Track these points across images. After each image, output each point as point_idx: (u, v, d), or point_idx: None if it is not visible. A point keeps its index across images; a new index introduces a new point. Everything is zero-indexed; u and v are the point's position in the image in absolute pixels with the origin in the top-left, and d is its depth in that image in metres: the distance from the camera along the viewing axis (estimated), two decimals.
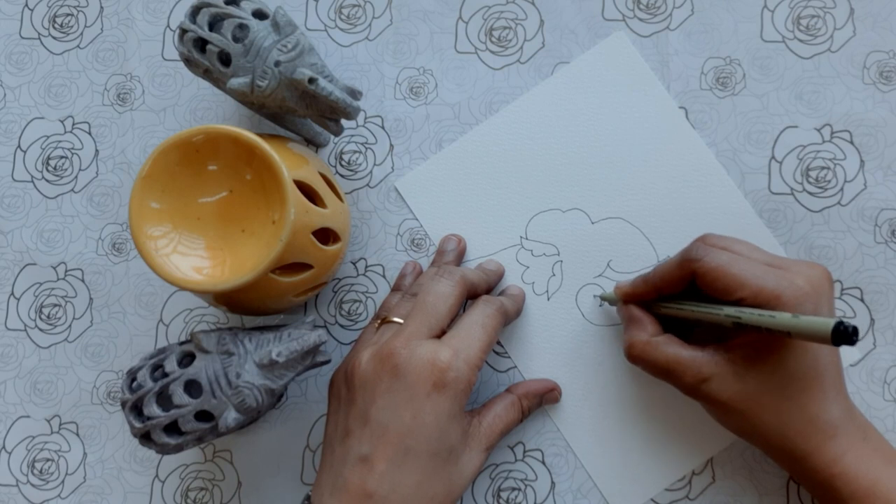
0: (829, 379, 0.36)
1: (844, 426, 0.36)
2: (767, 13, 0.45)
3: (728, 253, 0.37)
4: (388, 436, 0.36)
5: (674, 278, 0.38)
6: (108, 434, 0.47)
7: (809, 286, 0.35)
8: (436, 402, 0.36)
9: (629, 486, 0.43)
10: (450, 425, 0.37)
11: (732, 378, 0.36)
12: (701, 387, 0.37)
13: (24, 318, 0.49)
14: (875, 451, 0.36)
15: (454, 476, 0.37)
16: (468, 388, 0.37)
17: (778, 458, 0.38)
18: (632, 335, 0.40)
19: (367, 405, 0.37)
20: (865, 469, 0.35)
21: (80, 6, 0.50)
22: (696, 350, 0.37)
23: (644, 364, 0.39)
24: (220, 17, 0.40)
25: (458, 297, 0.40)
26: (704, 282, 0.37)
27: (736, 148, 0.45)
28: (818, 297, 0.35)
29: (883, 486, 0.35)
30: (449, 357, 0.36)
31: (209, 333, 0.38)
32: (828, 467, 0.35)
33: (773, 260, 0.37)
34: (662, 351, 0.38)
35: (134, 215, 0.37)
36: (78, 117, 0.50)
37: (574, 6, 0.47)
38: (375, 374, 0.37)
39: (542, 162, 0.46)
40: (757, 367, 0.36)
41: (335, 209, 0.40)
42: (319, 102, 0.41)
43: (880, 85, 0.44)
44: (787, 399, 0.36)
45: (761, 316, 0.33)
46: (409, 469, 0.36)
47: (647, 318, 0.40)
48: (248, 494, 0.46)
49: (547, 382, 0.44)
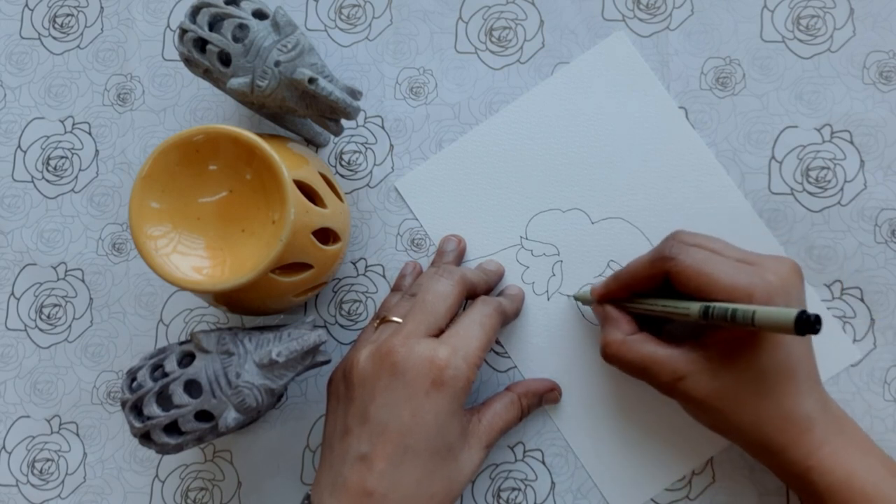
0: (802, 373, 0.36)
1: (820, 419, 0.36)
2: (767, 13, 0.45)
3: (702, 251, 0.37)
4: (387, 434, 0.36)
5: (645, 277, 0.39)
6: (108, 434, 0.47)
7: (779, 281, 0.35)
8: (435, 399, 0.36)
9: (629, 486, 0.43)
10: (449, 423, 0.37)
11: (708, 375, 0.36)
12: (677, 385, 0.37)
13: (25, 318, 0.49)
14: (851, 442, 0.36)
15: (454, 474, 0.37)
16: (467, 386, 0.37)
17: (755, 453, 0.38)
18: (607, 334, 0.40)
19: (366, 403, 0.37)
20: (842, 461, 0.35)
21: (80, 6, 0.51)
22: (671, 348, 0.38)
23: (619, 363, 0.39)
24: (220, 17, 0.40)
25: (458, 296, 0.40)
26: (678, 280, 0.37)
27: (736, 148, 0.45)
28: (788, 292, 0.35)
29: (859, 477, 0.35)
30: (447, 355, 0.37)
31: (209, 333, 0.38)
32: (804, 460, 0.36)
33: (745, 255, 0.37)
34: (637, 350, 0.38)
35: (134, 215, 0.37)
36: (78, 117, 0.50)
37: (574, 6, 0.47)
38: (374, 373, 0.37)
39: (542, 162, 0.46)
40: (731, 363, 0.36)
41: (335, 209, 0.40)
42: (319, 102, 0.41)
43: (880, 85, 0.44)
44: (762, 395, 0.36)
45: (728, 309, 0.34)
46: (409, 467, 0.36)
47: (622, 318, 0.40)
48: (248, 494, 0.46)
49: (547, 382, 0.44)
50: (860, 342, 0.43)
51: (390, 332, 0.39)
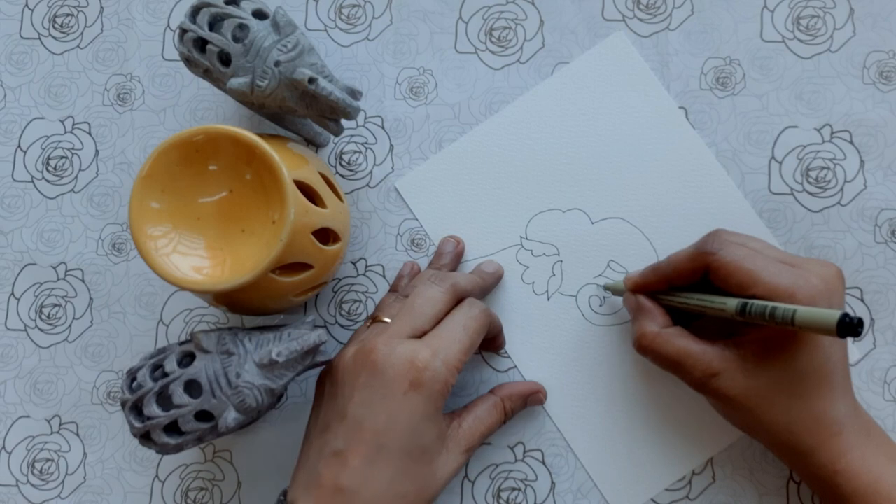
0: (837, 377, 0.36)
1: (849, 424, 0.36)
2: (767, 13, 0.45)
3: (744, 248, 0.37)
4: (362, 432, 0.36)
5: (686, 270, 0.38)
6: (108, 434, 0.47)
7: (823, 284, 0.35)
8: (411, 401, 0.36)
9: (629, 486, 0.43)
10: (424, 425, 0.37)
11: (742, 374, 0.36)
12: (710, 381, 0.37)
13: (25, 318, 0.49)
14: (878, 448, 0.36)
15: (427, 477, 0.37)
16: (445, 389, 0.37)
17: (781, 454, 0.38)
18: (642, 326, 0.39)
19: (345, 401, 0.37)
20: (868, 466, 0.35)
21: (80, 6, 0.51)
22: (706, 344, 0.37)
23: (653, 356, 0.39)
24: (220, 17, 0.40)
25: (447, 302, 0.40)
26: (718, 276, 0.36)
27: (736, 148, 0.45)
28: (831, 295, 0.35)
29: (885, 483, 0.35)
30: (427, 357, 0.37)
31: (209, 333, 0.38)
32: (831, 464, 0.36)
33: (787, 257, 0.37)
34: (673, 343, 0.38)
35: (134, 215, 0.37)
36: (78, 117, 0.50)
37: (574, 6, 0.47)
38: (355, 370, 0.37)
39: (542, 162, 0.46)
40: (767, 363, 0.36)
41: (335, 209, 0.40)
42: (319, 102, 0.41)
43: (880, 85, 0.44)
44: (796, 396, 0.36)
45: (767, 307, 0.33)
46: (382, 466, 0.36)
47: (657, 310, 0.40)
48: (248, 494, 0.46)
49: (531, 384, 0.44)
50: (860, 342, 0.43)
51: (376, 332, 0.39)
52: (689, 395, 0.42)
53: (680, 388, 0.43)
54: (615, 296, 0.44)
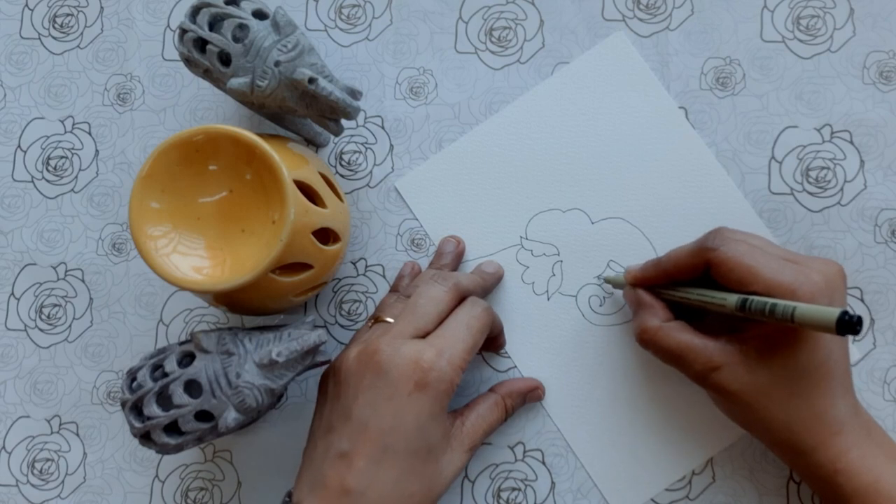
0: (838, 375, 0.36)
1: (850, 423, 0.36)
2: (767, 13, 0.45)
3: (745, 244, 0.37)
4: (368, 433, 0.36)
5: (687, 266, 0.38)
6: (108, 434, 0.47)
7: (825, 282, 0.35)
8: (417, 401, 0.36)
9: (629, 486, 0.43)
10: (430, 425, 0.37)
11: (743, 369, 0.36)
12: (711, 375, 0.37)
13: (25, 318, 0.49)
14: (879, 447, 0.36)
15: (434, 476, 0.37)
16: (450, 389, 0.37)
17: (781, 452, 0.38)
18: (643, 320, 0.40)
19: (349, 401, 0.37)
20: (869, 466, 0.35)
21: (80, 6, 0.51)
22: (708, 339, 0.37)
23: (655, 349, 0.39)
24: (220, 17, 0.40)
25: (450, 302, 0.40)
26: (720, 272, 0.37)
27: (736, 148, 0.45)
28: (832, 293, 0.35)
29: (885, 482, 0.35)
30: (432, 357, 0.37)
31: (209, 333, 0.38)
32: (831, 463, 0.36)
33: (789, 255, 0.37)
34: (675, 337, 0.38)
35: (134, 215, 0.37)
36: (78, 117, 0.50)
37: (574, 6, 0.47)
38: (359, 371, 0.37)
39: (542, 162, 0.46)
40: (769, 359, 0.36)
41: (335, 209, 0.40)
42: (319, 102, 0.41)
43: (880, 85, 0.44)
44: (796, 394, 0.36)
45: (767, 304, 0.33)
46: (388, 467, 0.36)
47: (658, 304, 0.40)
48: (248, 494, 0.46)
49: (530, 381, 0.44)
50: (860, 342, 0.43)
51: (379, 333, 0.39)
52: (690, 395, 0.43)
53: (680, 387, 0.43)
54: (615, 289, 0.44)
